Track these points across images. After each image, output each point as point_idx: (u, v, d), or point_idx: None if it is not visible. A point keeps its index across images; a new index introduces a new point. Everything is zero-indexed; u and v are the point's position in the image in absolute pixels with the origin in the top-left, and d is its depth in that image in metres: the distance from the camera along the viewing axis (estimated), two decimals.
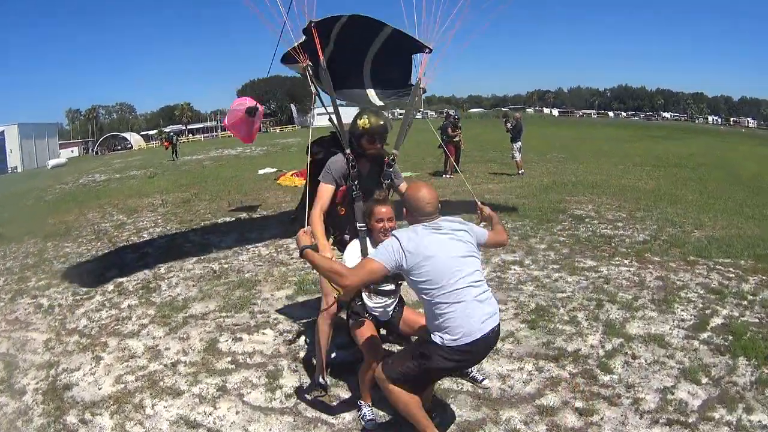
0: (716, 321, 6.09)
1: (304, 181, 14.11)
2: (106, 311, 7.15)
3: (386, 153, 4.53)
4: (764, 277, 7.59)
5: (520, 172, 18.36)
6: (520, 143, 18.57)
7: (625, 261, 8.33)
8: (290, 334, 6.06)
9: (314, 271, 4.66)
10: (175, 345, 5.96)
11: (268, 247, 9.97)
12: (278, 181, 18.49)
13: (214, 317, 6.68)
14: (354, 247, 4.18)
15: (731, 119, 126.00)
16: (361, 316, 4.14)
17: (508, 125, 18.96)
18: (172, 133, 47.13)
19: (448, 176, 17.64)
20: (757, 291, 7.02)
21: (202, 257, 9.48)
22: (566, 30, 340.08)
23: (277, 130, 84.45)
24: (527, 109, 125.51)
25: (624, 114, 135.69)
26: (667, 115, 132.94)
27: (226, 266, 8.85)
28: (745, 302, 6.64)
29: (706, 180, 18.14)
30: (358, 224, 4.21)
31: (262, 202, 15.16)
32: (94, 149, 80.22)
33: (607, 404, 4.47)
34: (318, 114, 5.44)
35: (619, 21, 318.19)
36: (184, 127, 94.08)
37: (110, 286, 8.12)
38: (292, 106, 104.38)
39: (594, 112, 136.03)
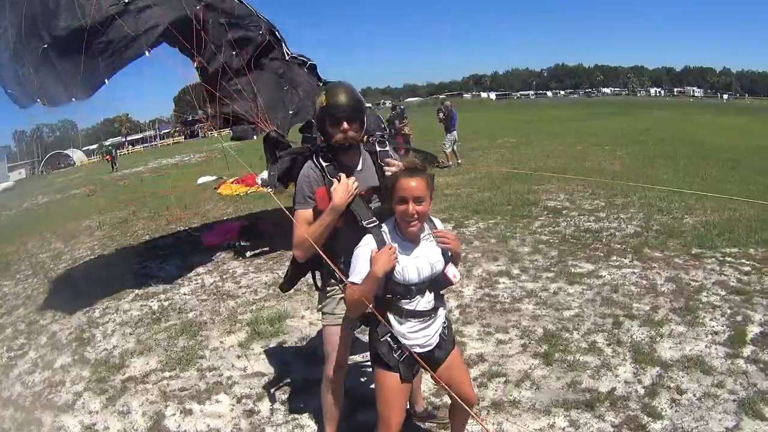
0: (753, 330, 5.57)
1: (247, 188, 13.01)
2: (40, 373, 6.21)
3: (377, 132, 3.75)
4: None
5: (449, 164, 18.10)
6: (454, 134, 18.23)
7: (625, 261, 7.76)
8: (250, 400, 5.06)
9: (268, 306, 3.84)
10: (114, 423, 4.90)
11: (212, 274, 8.92)
12: (218, 191, 18.24)
13: (157, 379, 5.62)
14: (365, 247, 3.03)
15: (675, 90, 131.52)
16: (386, 361, 3.07)
17: (441, 115, 18.58)
18: (111, 146, 51.40)
19: None
20: None
21: (139, 292, 8.40)
22: (499, 12, 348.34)
23: (215, 135, 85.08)
24: (464, 95, 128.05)
25: (562, 93, 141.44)
26: (607, 90, 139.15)
27: (166, 304, 7.79)
28: None
29: (675, 157, 18.19)
30: (364, 223, 3.16)
31: (203, 215, 14.61)
32: (39, 169, 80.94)
33: None
34: None
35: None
36: (124, 139, 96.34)
37: (43, 338, 7.23)
38: None
39: (532, 92, 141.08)
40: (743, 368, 4.87)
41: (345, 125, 3.24)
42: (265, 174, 4.20)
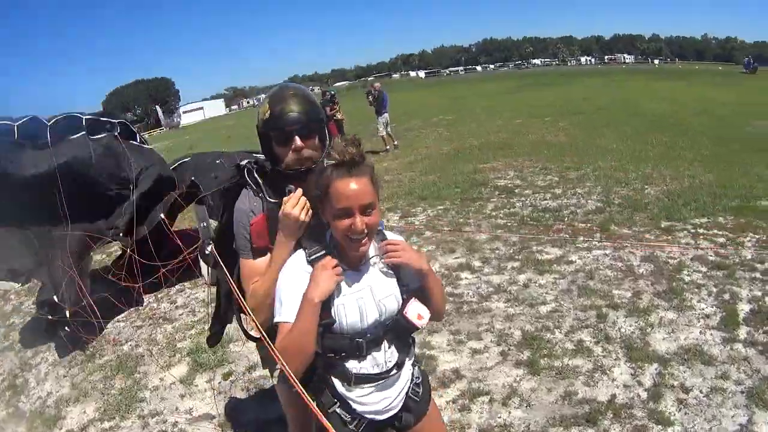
0: (744, 309, 5.38)
1: None
2: None
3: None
4: (757, 236, 7.17)
5: (386, 148, 17.86)
6: (386, 116, 17.91)
7: (594, 241, 7.49)
8: None
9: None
10: None
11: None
12: None
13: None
14: (294, 269, 2.29)
15: (606, 57, 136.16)
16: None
17: (370, 98, 18.25)
18: None
19: None
20: (761, 257, 6.50)
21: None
22: None
23: (146, 136, 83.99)
24: (393, 75, 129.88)
25: (492, 66, 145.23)
26: (537, 61, 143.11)
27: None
28: (759, 274, 6.08)
29: (618, 124, 18.38)
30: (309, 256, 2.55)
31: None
32: None
33: None
34: (184, 112, 3.83)
35: None
36: None
37: None
38: (157, 108, 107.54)
39: (461, 68, 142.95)
40: (743, 353, 4.64)
41: (297, 142, 2.46)
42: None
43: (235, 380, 5.31)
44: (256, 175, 2.61)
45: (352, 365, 2.24)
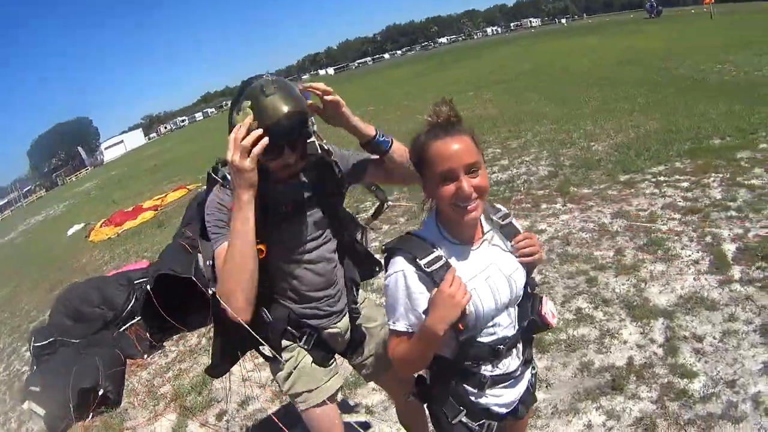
0: (730, 248, 5.51)
1: (117, 228, 11.53)
2: None
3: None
4: (720, 174, 7.41)
5: None
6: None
7: (557, 206, 7.61)
8: None
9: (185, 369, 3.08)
10: None
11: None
12: (90, 239, 17.56)
13: None
14: (400, 275, 2.00)
15: (512, 24, 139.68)
16: None
17: None
18: None
19: None
20: (731, 194, 6.72)
21: None
22: None
23: (73, 179, 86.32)
24: (303, 77, 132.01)
25: (399, 52, 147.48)
26: (443, 40, 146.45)
27: None
28: (733, 212, 6.27)
29: (544, 87, 18.72)
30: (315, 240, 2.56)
31: (82, 270, 13.12)
32: None
33: (731, 424, 3.42)
34: (106, 148, 3.62)
35: None
36: None
37: None
38: (80, 149, 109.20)
39: (368, 59, 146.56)
40: (744, 292, 4.74)
41: (289, 157, 2.31)
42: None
43: (230, 419, 4.97)
44: (223, 170, 2.44)
45: (487, 369, 2.12)
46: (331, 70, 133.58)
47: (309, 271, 2.60)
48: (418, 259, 1.93)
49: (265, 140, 2.15)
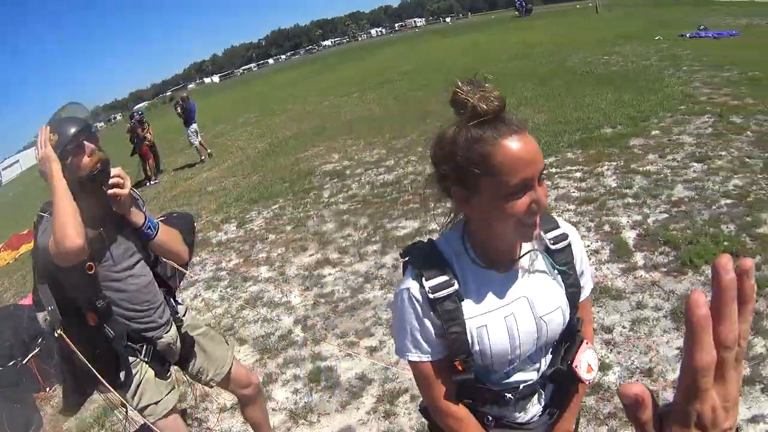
0: (630, 235, 5.59)
1: (17, 252, 10.57)
2: None
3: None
4: (613, 162, 7.61)
5: (202, 158, 17.32)
6: (195, 125, 17.27)
7: (448, 205, 7.24)
8: None
9: None
10: None
11: None
12: None
13: None
14: (410, 294, 1.63)
15: (397, 25, 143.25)
16: None
17: (178, 109, 17.55)
18: None
19: (154, 182, 16.57)
20: (627, 182, 6.85)
21: None
22: None
23: None
24: (189, 85, 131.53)
25: (284, 57, 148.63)
26: (327, 43, 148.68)
27: None
28: (630, 198, 6.39)
29: (428, 86, 18.77)
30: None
31: None
32: None
33: None
34: (3, 169, 3.43)
35: None
36: None
37: None
38: None
39: (253, 65, 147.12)
40: (649, 278, 4.76)
41: (89, 145, 2.64)
42: None
43: None
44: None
45: (491, 410, 1.73)
46: (216, 78, 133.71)
47: (135, 285, 2.77)
48: (424, 279, 1.55)
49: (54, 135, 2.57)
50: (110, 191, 2.62)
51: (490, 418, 1.73)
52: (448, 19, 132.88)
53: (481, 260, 1.59)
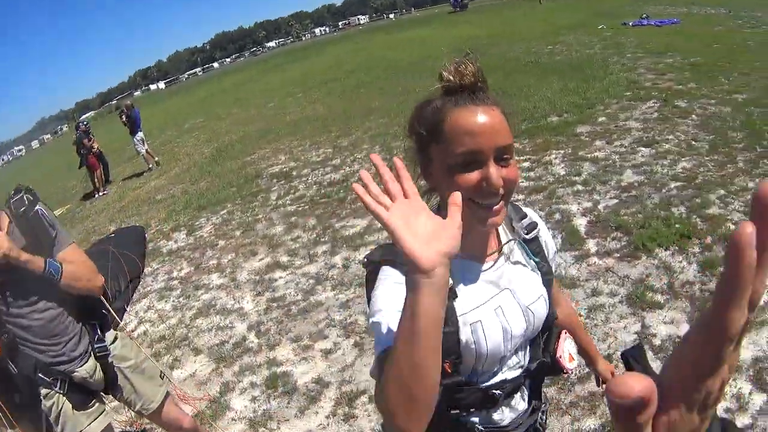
0: (581, 223, 5.61)
1: None
2: None
3: None
4: (561, 150, 7.67)
5: (149, 167, 17.02)
6: (141, 134, 16.99)
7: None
8: None
9: None
10: None
11: None
12: None
13: None
14: (389, 281, 1.46)
15: (340, 23, 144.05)
16: None
17: (123, 118, 17.24)
18: None
19: (102, 193, 16.20)
20: (575, 169, 6.92)
21: None
22: None
23: None
24: (135, 93, 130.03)
25: (228, 60, 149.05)
26: (272, 44, 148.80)
27: None
28: (579, 186, 6.45)
29: (374, 83, 18.83)
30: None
31: None
32: None
33: None
34: None
35: None
36: None
37: None
38: None
39: (198, 69, 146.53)
40: (603, 264, 4.78)
41: None
42: None
43: None
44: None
45: (478, 418, 1.61)
46: (162, 84, 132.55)
47: (39, 320, 2.66)
48: None
49: None
50: None
51: (480, 428, 1.62)
52: (391, 16, 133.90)
53: (461, 251, 1.31)
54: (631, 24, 19.70)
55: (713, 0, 25.28)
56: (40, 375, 2.72)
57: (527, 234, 1.61)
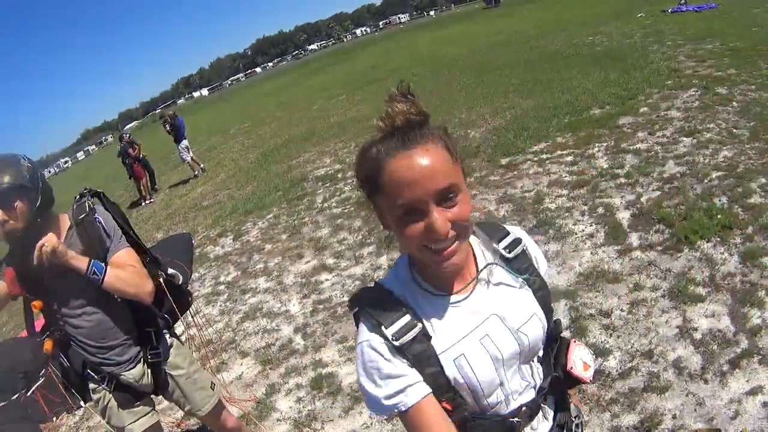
0: (624, 216, 5.56)
1: None
2: None
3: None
4: (604, 143, 7.59)
5: (195, 174, 17.36)
6: (185, 142, 17.27)
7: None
8: None
9: None
10: None
11: None
12: None
13: None
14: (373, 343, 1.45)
15: (381, 23, 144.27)
16: None
17: (167, 127, 17.54)
18: None
19: (149, 201, 16.51)
20: (618, 161, 6.86)
21: None
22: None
23: None
24: (178, 101, 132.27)
25: (271, 64, 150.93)
26: (313, 47, 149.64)
27: None
28: (623, 179, 6.37)
29: (417, 81, 18.61)
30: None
31: None
32: None
33: (656, 395, 3.32)
34: None
35: None
36: None
37: None
38: None
39: (241, 75, 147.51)
40: (645, 258, 4.73)
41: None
42: None
43: None
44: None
45: None
46: (205, 92, 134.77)
47: (88, 323, 2.78)
48: (383, 327, 1.40)
49: None
50: (36, 256, 2.52)
51: None
52: (432, 13, 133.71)
53: (433, 286, 1.47)
54: (670, 11, 19.26)
55: None
56: (89, 371, 2.88)
57: (509, 253, 1.57)
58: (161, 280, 3.03)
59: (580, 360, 1.59)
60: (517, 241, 1.59)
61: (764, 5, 17.69)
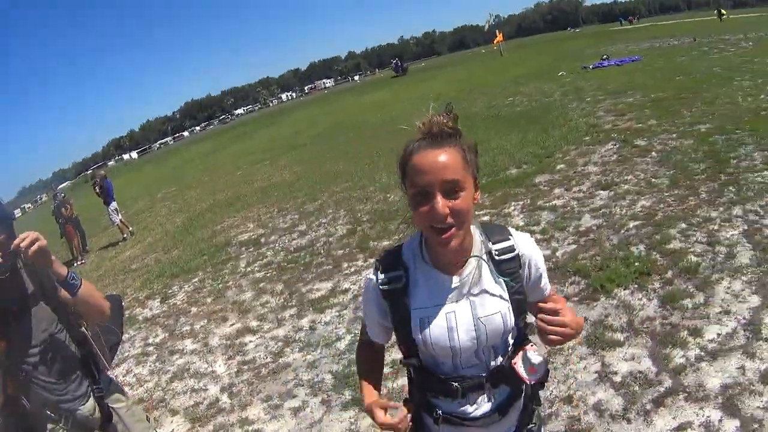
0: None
1: None
2: None
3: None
4: (520, 202, 7.98)
5: (124, 236, 17.12)
6: (114, 204, 17.24)
7: (358, 263, 7.86)
8: None
9: None
10: None
11: None
12: None
13: None
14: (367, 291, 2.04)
15: (306, 87, 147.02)
16: None
17: (96, 189, 17.53)
18: None
19: (80, 262, 16.32)
20: (534, 219, 7.28)
21: None
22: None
23: None
24: (109, 163, 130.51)
25: (198, 128, 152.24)
26: (239, 111, 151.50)
27: None
28: (538, 235, 6.68)
29: (338, 148, 19.26)
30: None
31: None
32: None
33: None
34: None
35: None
36: None
37: None
38: None
39: (169, 138, 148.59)
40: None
41: None
42: None
43: None
44: None
45: (443, 403, 1.90)
46: (134, 154, 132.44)
47: (45, 361, 2.81)
48: (380, 272, 1.86)
49: None
50: (31, 250, 2.54)
51: (440, 412, 1.88)
52: (356, 78, 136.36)
53: (432, 262, 1.81)
54: (591, 67, 20.14)
55: (679, 29, 25.82)
56: (48, 412, 2.90)
57: (499, 255, 1.83)
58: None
59: (528, 361, 1.81)
60: (510, 248, 1.85)
61: (690, 53, 18.79)
